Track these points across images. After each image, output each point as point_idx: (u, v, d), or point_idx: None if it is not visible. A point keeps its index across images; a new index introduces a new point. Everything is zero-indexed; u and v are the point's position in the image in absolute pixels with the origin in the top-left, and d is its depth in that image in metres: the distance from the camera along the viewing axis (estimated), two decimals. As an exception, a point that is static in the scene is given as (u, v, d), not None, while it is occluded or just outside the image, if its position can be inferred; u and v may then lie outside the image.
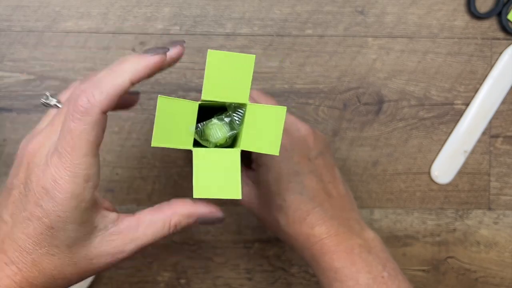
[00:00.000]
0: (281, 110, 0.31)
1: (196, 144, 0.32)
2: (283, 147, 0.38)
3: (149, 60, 0.30)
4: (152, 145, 0.30)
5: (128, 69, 0.30)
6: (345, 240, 0.37)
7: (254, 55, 0.31)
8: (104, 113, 0.29)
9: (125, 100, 0.39)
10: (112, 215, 0.32)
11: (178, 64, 0.48)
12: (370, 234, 0.38)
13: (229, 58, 0.31)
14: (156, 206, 0.34)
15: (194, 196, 0.31)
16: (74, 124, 0.29)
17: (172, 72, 0.48)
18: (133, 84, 0.30)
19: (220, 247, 0.49)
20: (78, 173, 0.29)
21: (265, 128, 0.31)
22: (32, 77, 0.48)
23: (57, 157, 0.29)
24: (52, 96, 0.35)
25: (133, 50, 0.48)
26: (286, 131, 0.37)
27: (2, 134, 0.48)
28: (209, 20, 0.48)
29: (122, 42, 0.48)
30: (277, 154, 0.31)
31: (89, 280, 0.47)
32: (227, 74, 0.31)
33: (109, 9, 0.48)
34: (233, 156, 0.31)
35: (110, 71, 0.30)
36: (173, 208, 0.33)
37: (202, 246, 0.49)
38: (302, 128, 0.41)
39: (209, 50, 0.31)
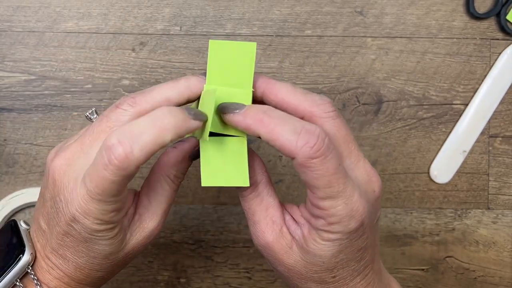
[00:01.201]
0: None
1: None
2: (361, 222, 0.30)
3: (191, 126, 0.29)
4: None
5: (171, 127, 0.28)
6: None
7: (255, 43, 0.32)
8: (138, 167, 0.28)
9: None
10: (131, 209, 0.33)
11: (177, 64, 0.48)
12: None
13: (231, 47, 0.31)
14: (149, 173, 0.34)
15: (203, 185, 0.31)
16: (107, 173, 0.28)
17: (172, 73, 0.48)
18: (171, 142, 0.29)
19: (220, 247, 0.49)
20: (105, 207, 0.29)
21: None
22: (32, 77, 0.48)
23: (85, 191, 0.29)
24: (97, 112, 0.34)
25: (133, 50, 0.48)
26: (365, 195, 0.30)
27: (3, 134, 0.48)
28: (209, 21, 0.48)
29: (122, 43, 0.48)
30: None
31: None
32: (229, 63, 0.31)
33: (109, 10, 0.48)
34: (240, 144, 0.31)
35: (153, 125, 0.28)
36: (162, 165, 0.33)
37: (202, 246, 0.49)
38: (377, 187, 0.32)
39: (210, 40, 0.31)
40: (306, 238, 0.31)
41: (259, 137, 0.30)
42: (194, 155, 0.33)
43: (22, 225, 0.34)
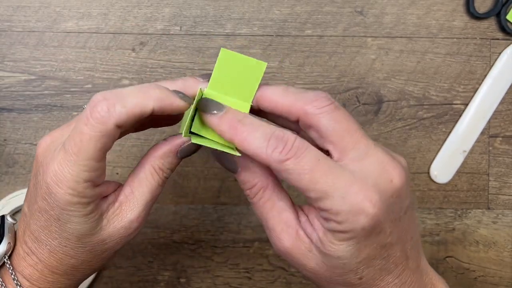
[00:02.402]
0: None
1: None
2: (372, 217, 0.28)
3: (175, 102, 0.30)
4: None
5: (155, 96, 0.29)
6: None
7: (266, 63, 0.31)
8: (118, 127, 0.29)
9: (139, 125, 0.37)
10: (113, 196, 0.32)
11: (177, 64, 0.48)
12: (439, 283, 0.33)
13: (241, 60, 0.31)
14: (137, 164, 0.34)
15: (184, 135, 0.31)
16: (86, 128, 0.29)
17: (172, 72, 0.48)
18: (152, 113, 0.30)
19: (220, 247, 0.49)
20: (79, 173, 0.29)
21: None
22: (32, 77, 0.48)
23: (62, 153, 0.29)
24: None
25: (133, 50, 0.48)
26: (375, 186, 0.28)
27: (3, 134, 0.48)
28: (209, 21, 0.48)
29: (122, 42, 0.48)
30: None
31: (89, 279, 0.47)
32: (236, 75, 0.31)
33: (109, 10, 0.48)
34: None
35: (138, 91, 0.30)
36: (149, 156, 0.33)
37: (202, 246, 0.49)
38: (396, 176, 0.29)
39: (222, 48, 0.31)
40: (323, 241, 0.29)
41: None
42: (184, 153, 0.33)
43: (8, 219, 0.34)
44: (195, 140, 0.31)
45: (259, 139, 0.29)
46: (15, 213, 0.48)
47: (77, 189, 0.29)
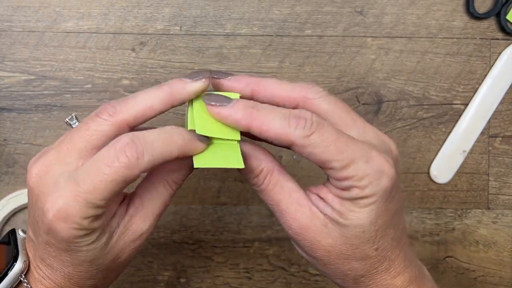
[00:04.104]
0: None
1: None
2: (391, 178, 0.30)
3: (197, 148, 0.30)
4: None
5: (179, 144, 0.29)
6: (423, 285, 0.33)
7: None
8: (139, 175, 0.29)
9: None
10: (121, 210, 0.32)
11: (177, 64, 0.48)
12: (423, 268, 0.35)
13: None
14: (146, 176, 0.33)
15: (195, 166, 0.31)
16: (109, 170, 0.28)
17: (172, 72, 0.48)
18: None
19: (220, 247, 0.49)
20: (88, 211, 0.28)
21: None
22: (32, 77, 0.48)
23: (72, 189, 0.28)
24: (78, 118, 0.33)
25: (133, 50, 0.48)
26: (381, 151, 0.30)
27: (3, 134, 0.48)
28: (208, 21, 0.48)
29: (122, 42, 0.48)
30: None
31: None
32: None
33: (109, 10, 0.48)
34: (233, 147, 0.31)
35: (164, 138, 0.29)
36: (161, 167, 0.32)
37: (201, 246, 0.49)
38: (392, 145, 0.32)
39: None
40: (341, 211, 0.30)
41: (246, 133, 0.30)
42: None
43: (20, 234, 0.33)
44: (198, 165, 0.30)
45: (279, 120, 0.29)
46: (15, 213, 0.48)
47: (83, 224, 0.29)
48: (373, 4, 0.49)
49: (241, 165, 0.30)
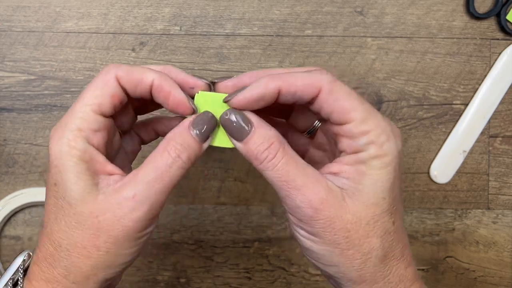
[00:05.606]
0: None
1: None
2: (399, 138, 0.31)
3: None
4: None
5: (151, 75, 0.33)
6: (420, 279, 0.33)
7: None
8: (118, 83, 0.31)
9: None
10: (116, 176, 0.31)
11: (177, 64, 0.48)
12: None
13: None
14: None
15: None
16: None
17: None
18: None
19: (220, 247, 0.49)
20: (71, 122, 0.30)
21: None
22: (32, 77, 0.48)
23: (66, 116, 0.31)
24: None
25: (133, 50, 0.48)
26: (391, 132, 0.31)
27: (3, 134, 0.48)
28: (209, 21, 0.48)
29: (122, 42, 0.48)
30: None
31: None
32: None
33: (109, 10, 0.48)
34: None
35: (141, 68, 0.33)
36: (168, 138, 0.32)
37: (201, 246, 0.49)
38: (395, 128, 0.32)
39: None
40: (358, 179, 0.30)
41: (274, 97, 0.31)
42: (197, 125, 0.32)
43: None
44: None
45: (301, 72, 0.31)
46: (15, 213, 0.48)
47: (68, 136, 0.30)
48: (373, 4, 0.49)
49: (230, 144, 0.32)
